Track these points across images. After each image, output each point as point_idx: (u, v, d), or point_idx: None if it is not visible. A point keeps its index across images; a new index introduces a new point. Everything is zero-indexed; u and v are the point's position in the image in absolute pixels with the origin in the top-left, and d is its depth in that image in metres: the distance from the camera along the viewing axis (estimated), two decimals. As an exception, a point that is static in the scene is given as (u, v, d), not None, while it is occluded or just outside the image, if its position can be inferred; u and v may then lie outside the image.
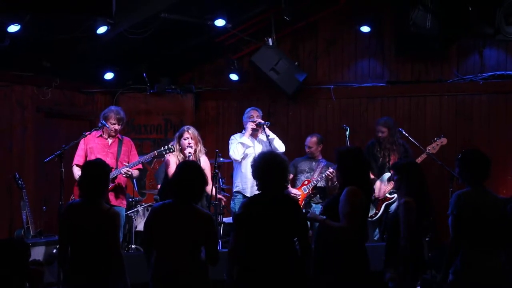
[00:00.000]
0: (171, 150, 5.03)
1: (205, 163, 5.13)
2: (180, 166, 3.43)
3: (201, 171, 3.40)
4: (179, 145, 5.10)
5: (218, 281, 3.50)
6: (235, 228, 3.29)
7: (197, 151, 5.07)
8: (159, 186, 6.03)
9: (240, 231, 3.23)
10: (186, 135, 5.09)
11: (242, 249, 3.21)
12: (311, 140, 6.00)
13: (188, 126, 5.22)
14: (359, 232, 3.32)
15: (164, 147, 5.08)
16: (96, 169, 3.52)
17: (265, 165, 3.26)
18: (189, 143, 5.04)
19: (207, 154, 5.90)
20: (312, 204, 5.87)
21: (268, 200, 3.23)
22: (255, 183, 5.28)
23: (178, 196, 3.30)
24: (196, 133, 5.13)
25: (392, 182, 5.49)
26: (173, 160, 5.07)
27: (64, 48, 6.01)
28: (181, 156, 5.11)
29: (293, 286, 3.18)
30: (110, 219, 3.44)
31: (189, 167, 3.42)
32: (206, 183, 3.46)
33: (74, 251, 3.46)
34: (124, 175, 5.10)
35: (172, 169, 4.92)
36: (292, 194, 5.78)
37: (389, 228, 3.62)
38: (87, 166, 3.69)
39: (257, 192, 5.27)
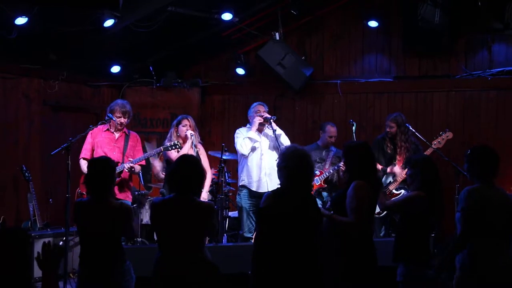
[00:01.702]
0: (177, 146, 5.07)
1: (201, 151, 5.31)
2: (177, 161, 3.43)
3: (199, 164, 3.40)
4: (177, 132, 5.31)
5: (232, 275, 3.48)
6: (258, 221, 3.27)
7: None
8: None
9: (263, 224, 3.20)
10: (185, 122, 5.32)
11: (266, 242, 3.17)
12: (334, 130, 5.99)
13: (186, 115, 5.44)
14: (366, 227, 3.30)
15: (170, 143, 5.10)
16: (102, 166, 3.52)
17: (297, 166, 3.19)
18: (187, 129, 5.24)
19: (213, 148, 5.91)
20: (324, 193, 5.87)
21: (294, 197, 3.19)
22: (260, 177, 5.40)
23: (178, 190, 3.30)
24: (194, 122, 5.37)
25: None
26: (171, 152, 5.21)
27: (71, 41, 6.01)
28: (180, 142, 5.22)
29: (315, 282, 3.16)
30: (124, 213, 3.47)
31: (186, 160, 3.41)
32: (204, 176, 3.45)
33: (85, 247, 3.48)
34: (127, 170, 5.11)
35: (174, 155, 5.11)
36: None
37: (399, 222, 3.66)
38: (92, 164, 3.67)
39: (263, 186, 5.36)
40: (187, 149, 5.15)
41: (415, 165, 3.59)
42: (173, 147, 5.07)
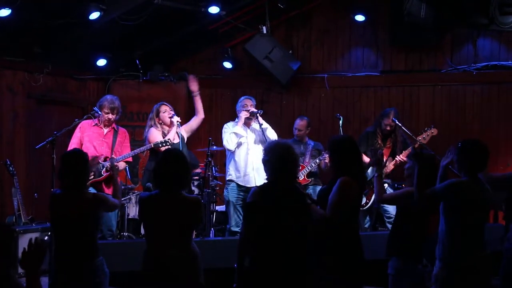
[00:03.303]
0: (168, 144, 5.04)
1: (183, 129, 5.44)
2: (163, 156, 3.40)
3: (184, 159, 3.38)
4: (159, 119, 5.35)
5: (209, 270, 3.50)
6: (245, 216, 3.27)
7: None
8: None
9: (251, 219, 3.19)
10: (163, 107, 5.39)
11: (253, 238, 3.17)
12: (301, 124, 6.01)
13: (162, 102, 5.48)
14: (346, 223, 3.28)
15: (160, 140, 5.08)
16: (73, 159, 3.49)
17: (280, 158, 3.19)
18: (169, 115, 5.30)
19: (199, 141, 5.90)
20: (309, 186, 5.90)
21: (279, 190, 3.19)
22: (247, 172, 5.41)
23: (164, 186, 3.29)
24: (170, 106, 5.45)
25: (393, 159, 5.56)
26: (156, 132, 5.30)
27: (56, 34, 5.94)
28: (166, 129, 5.30)
29: (303, 277, 3.16)
30: (98, 203, 3.45)
31: (172, 156, 3.38)
32: (190, 171, 3.44)
33: (57, 241, 3.44)
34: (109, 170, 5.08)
35: (155, 137, 5.20)
36: None
37: (395, 217, 3.74)
38: (64, 157, 3.62)
39: (251, 180, 5.37)
40: (173, 135, 5.20)
41: (414, 160, 3.58)
42: (163, 144, 5.05)
